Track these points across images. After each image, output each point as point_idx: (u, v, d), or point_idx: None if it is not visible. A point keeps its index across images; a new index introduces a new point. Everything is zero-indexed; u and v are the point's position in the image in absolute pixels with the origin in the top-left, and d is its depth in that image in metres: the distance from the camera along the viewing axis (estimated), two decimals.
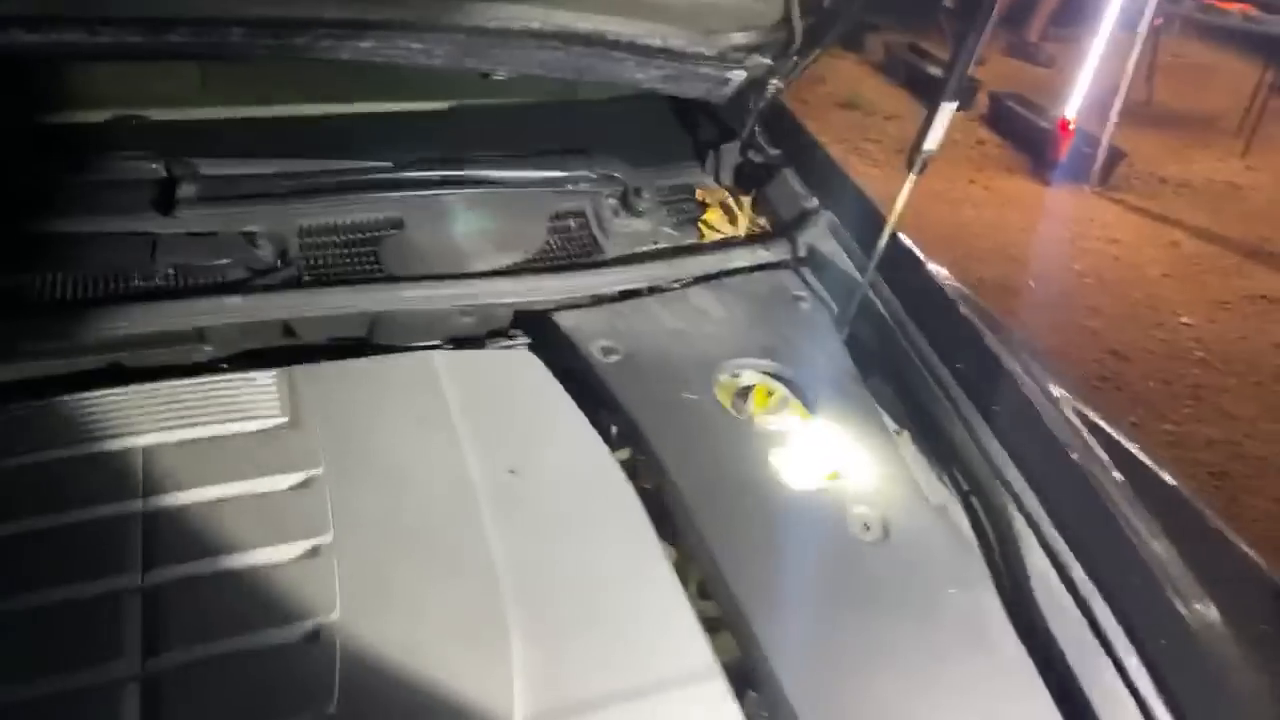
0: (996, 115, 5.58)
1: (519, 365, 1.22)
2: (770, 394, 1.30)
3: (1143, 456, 1.29)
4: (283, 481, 0.99)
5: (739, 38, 1.34)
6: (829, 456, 1.20)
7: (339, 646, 0.85)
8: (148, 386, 1.06)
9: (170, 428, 1.02)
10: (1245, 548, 1.21)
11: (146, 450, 0.99)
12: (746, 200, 1.58)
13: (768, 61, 1.37)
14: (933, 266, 1.43)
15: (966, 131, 5.56)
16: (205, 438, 1.02)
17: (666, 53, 1.27)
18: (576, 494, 1.06)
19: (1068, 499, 1.09)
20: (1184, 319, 3.96)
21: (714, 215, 1.53)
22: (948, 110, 1.11)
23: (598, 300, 1.35)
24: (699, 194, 1.57)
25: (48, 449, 0.97)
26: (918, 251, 1.46)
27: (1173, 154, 5.60)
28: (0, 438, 0.97)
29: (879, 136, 5.31)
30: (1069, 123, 4.89)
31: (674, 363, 1.27)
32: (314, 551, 0.93)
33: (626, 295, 1.38)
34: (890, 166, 5.02)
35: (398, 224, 1.35)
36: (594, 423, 1.16)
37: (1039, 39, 6.71)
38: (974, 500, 1.16)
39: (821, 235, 1.48)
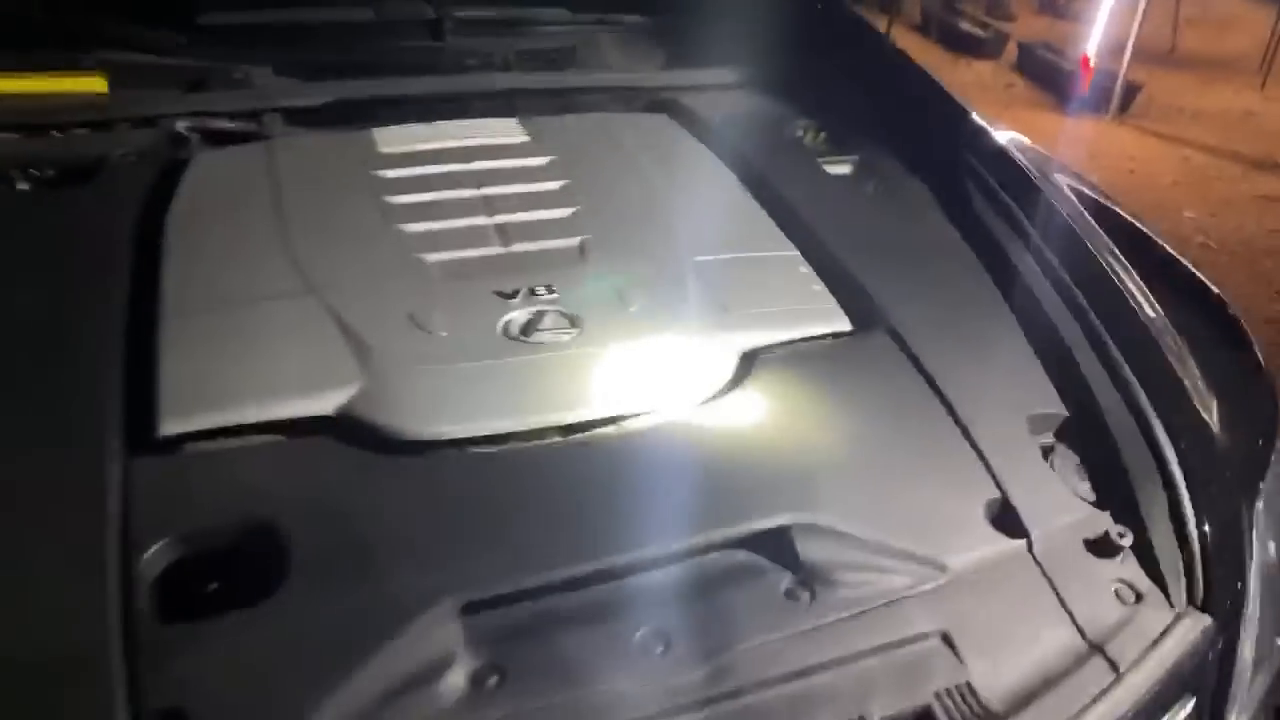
0: (1025, 61, 6.16)
1: (663, 123, 1.92)
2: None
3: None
4: (535, 162, 1.69)
5: None
6: None
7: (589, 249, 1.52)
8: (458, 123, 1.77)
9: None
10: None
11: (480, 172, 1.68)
12: None
13: None
14: None
15: (997, 76, 6.15)
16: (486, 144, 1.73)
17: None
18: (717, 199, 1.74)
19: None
20: (1188, 214, 4.50)
21: None
22: None
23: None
24: None
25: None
26: None
27: (1191, 89, 6.10)
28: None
29: None
30: (1088, 59, 5.45)
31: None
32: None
33: None
34: None
35: None
36: None
37: None
38: None
39: None
